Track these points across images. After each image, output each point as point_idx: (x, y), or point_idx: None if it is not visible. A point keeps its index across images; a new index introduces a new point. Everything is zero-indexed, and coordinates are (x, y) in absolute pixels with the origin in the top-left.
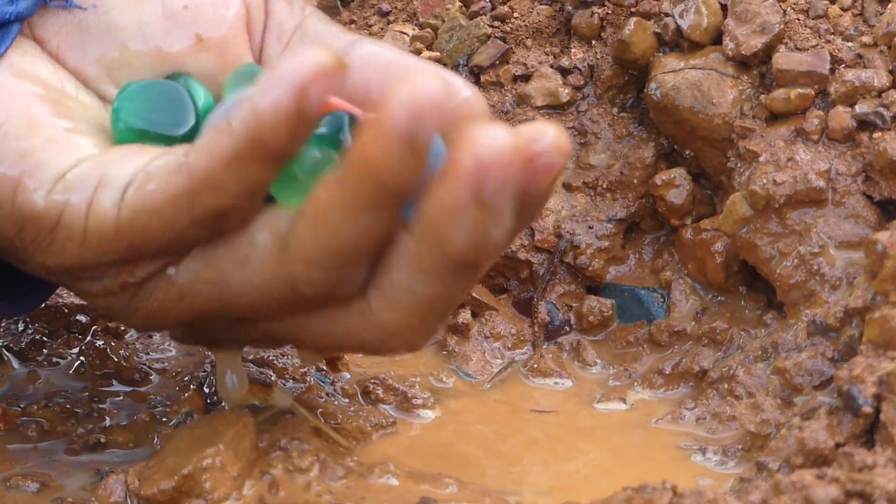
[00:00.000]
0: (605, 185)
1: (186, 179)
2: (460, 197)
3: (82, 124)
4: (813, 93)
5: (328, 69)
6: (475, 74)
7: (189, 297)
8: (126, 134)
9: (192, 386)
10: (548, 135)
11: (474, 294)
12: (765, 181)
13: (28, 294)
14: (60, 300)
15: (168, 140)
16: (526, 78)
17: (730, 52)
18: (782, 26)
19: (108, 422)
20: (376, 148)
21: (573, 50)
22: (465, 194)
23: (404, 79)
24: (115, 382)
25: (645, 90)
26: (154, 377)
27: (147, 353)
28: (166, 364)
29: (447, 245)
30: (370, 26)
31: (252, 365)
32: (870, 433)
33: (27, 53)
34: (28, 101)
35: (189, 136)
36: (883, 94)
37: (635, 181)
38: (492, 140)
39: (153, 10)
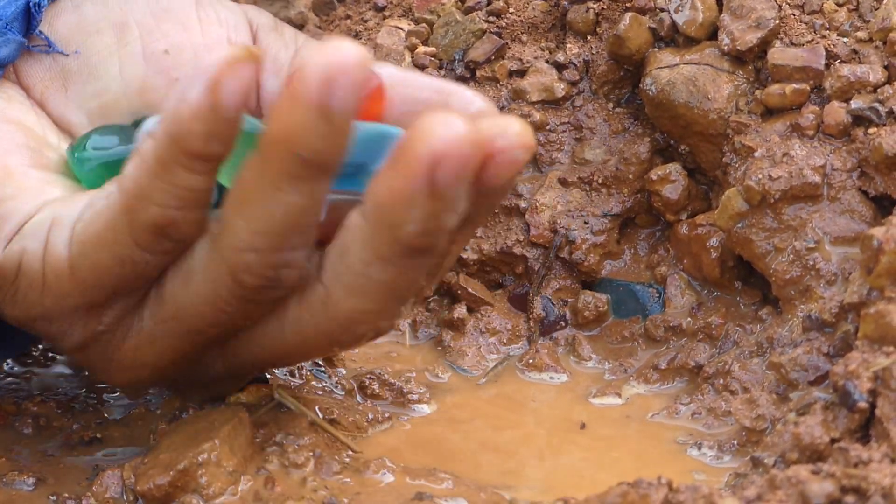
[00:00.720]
0: (600, 181)
1: (120, 197)
2: (413, 186)
3: (57, 175)
4: (808, 88)
5: (238, 60)
6: (470, 70)
7: (160, 339)
8: (92, 175)
9: None
10: (511, 130)
11: (470, 289)
12: (760, 176)
13: (13, 338)
14: None
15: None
16: (521, 73)
17: (725, 48)
18: (778, 21)
19: (103, 418)
20: (289, 118)
21: (568, 45)
22: (417, 183)
23: (320, 50)
24: None
25: (640, 85)
26: None
27: None
28: None
29: (398, 231)
30: (366, 21)
31: None
32: (865, 428)
33: (12, 99)
34: (6, 149)
35: None
36: (878, 90)
37: (631, 176)
38: (448, 129)
39: (134, 55)
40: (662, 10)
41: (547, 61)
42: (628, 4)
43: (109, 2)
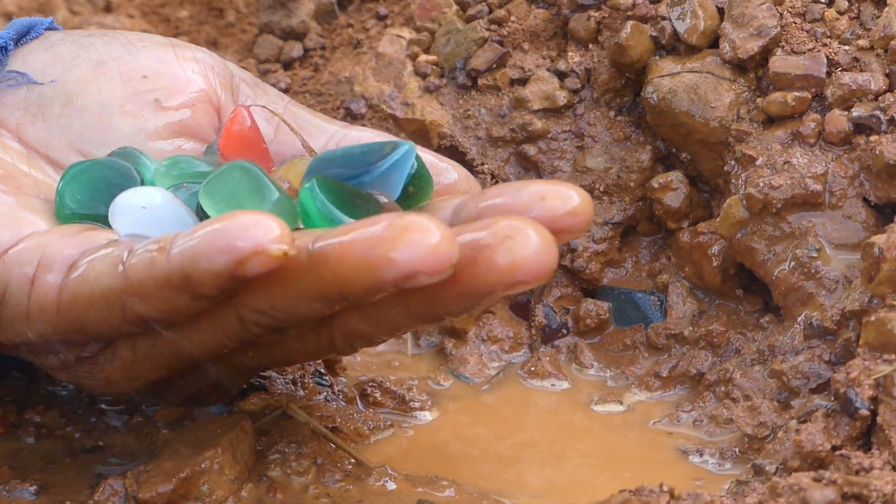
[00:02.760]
0: (602, 189)
1: (122, 282)
2: (477, 294)
3: (32, 199)
4: (810, 96)
5: (272, 256)
6: (472, 78)
7: (151, 361)
8: (69, 219)
9: None
10: (573, 201)
11: None
12: (761, 184)
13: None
14: None
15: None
16: (523, 81)
17: (726, 56)
18: (779, 30)
19: (105, 426)
20: (358, 278)
21: (570, 53)
22: (489, 293)
23: (407, 229)
24: None
25: (642, 93)
26: None
27: None
28: None
29: (441, 311)
30: (367, 30)
31: None
32: (867, 436)
33: None
34: None
35: None
36: (879, 98)
37: (632, 184)
38: (529, 245)
39: (112, 80)
40: (664, 18)
41: (548, 69)
42: (630, 13)
43: (83, 42)
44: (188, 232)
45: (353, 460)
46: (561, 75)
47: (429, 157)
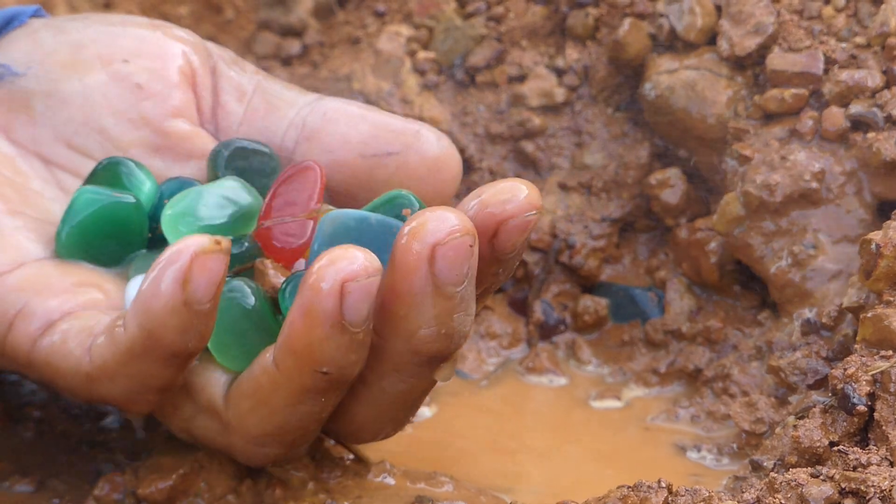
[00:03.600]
0: (599, 185)
1: (87, 364)
2: (416, 286)
3: (31, 221)
4: (807, 93)
5: (206, 252)
6: (470, 75)
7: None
8: (67, 254)
9: None
10: (520, 194)
11: None
12: (759, 181)
13: None
14: None
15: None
16: (521, 78)
17: (724, 53)
18: (776, 27)
19: (105, 421)
20: (311, 334)
21: (568, 50)
22: (420, 283)
23: (327, 257)
24: None
25: (639, 90)
26: None
27: None
28: None
29: (414, 339)
30: (366, 27)
31: None
32: (864, 432)
33: None
34: None
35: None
36: (877, 95)
37: (630, 181)
38: (440, 222)
39: (92, 66)
40: (662, 15)
41: (546, 66)
42: (628, 10)
43: (63, 26)
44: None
45: (351, 456)
46: (559, 72)
47: (396, 122)
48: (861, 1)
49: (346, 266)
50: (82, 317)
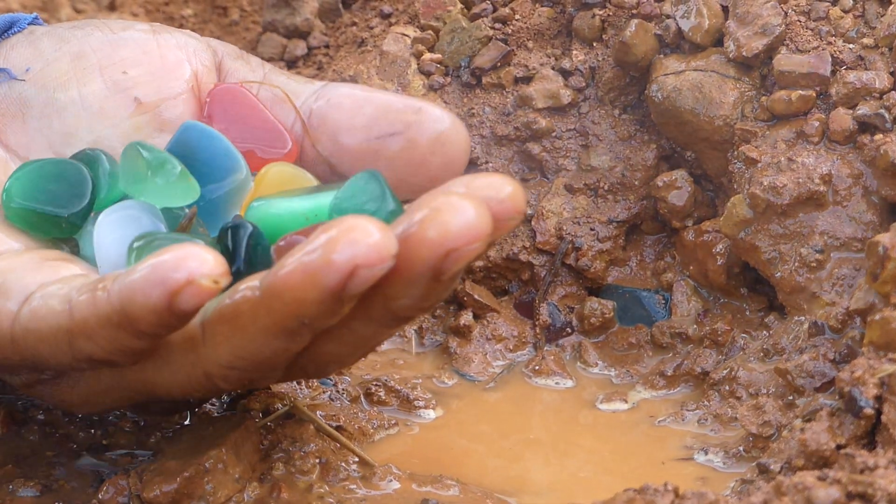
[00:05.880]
0: (606, 187)
1: (67, 320)
2: (419, 274)
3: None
4: (814, 95)
5: (203, 287)
6: (476, 76)
7: (115, 390)
8: (15, 213)
9: None
10: (505, 190)
11: (476, 296)
12: (766, 183)
13: None
14: None
15: (58, 220)
16: (527, 80)
17: (731, 54)
18: (783, 28)
19: (109, 425)
20: (303, 294)
21: (574, 52)
22: (424, 272)
23: (346, 223)
24: None
25: (646, 92)
26: None
27: None
28: None
29: (393, 305)
30: (371, 28)
31: None
32: (871, 435)
33: None
34: None
35: (81, 215)
36: (884, 96)
37: (637, 183)
38: (461, 217)
39: (92, 77)
40: (668, 16)
41: (553, 68)
42: (634, 11)
43: (65, 35)
44: (131, 268)
45: (357, 459)
46: (565, 73)
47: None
48: (868, 2)
49: (362, 247)
50: (63, 282)
